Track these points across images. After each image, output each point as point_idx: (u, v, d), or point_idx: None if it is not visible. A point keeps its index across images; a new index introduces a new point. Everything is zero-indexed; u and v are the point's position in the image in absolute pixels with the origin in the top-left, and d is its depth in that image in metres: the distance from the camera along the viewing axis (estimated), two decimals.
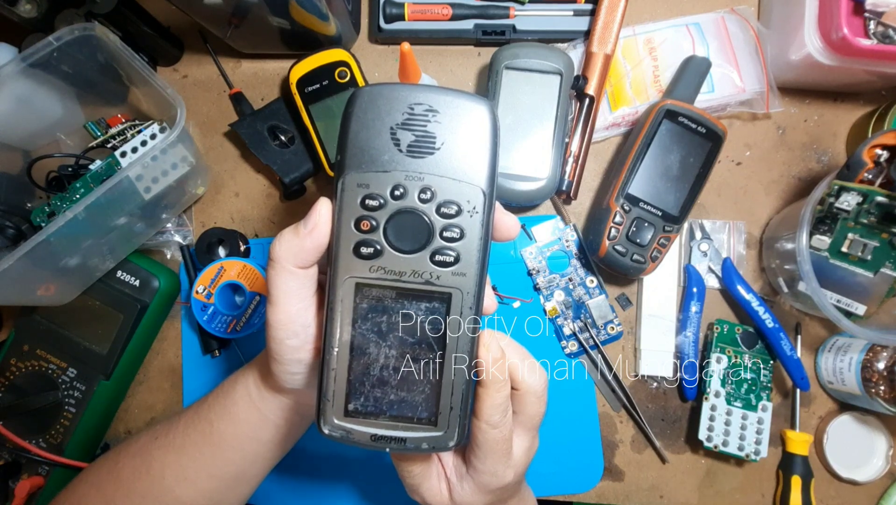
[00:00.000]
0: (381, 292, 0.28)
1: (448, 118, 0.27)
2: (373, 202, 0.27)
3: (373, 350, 0.29)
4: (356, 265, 0.28)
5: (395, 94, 0.27)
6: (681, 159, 0.50)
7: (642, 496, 0.56)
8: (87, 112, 0.56)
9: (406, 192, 0.27)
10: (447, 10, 0.55)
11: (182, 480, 0.38)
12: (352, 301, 0.28)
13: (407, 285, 0.28)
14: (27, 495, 0.51)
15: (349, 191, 0.27)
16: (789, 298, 0.54)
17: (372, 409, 0.29)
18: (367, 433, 0.29)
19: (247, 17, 0.49)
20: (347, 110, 0.28)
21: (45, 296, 0.50)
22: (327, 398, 0.29)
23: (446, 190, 0.27)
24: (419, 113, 0.27)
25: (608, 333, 0.55)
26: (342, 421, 0.29)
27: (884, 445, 0.53)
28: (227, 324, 0.53)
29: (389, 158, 0.27)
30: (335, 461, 0.56)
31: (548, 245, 0.56)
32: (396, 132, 0.27)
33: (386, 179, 0.27)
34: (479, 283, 0.28)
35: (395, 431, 0.29)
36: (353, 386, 0.29)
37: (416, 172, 0.27)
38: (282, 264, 0.29)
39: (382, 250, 0.28)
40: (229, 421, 0.38)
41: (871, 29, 0.46)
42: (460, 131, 0.27)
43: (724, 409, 0.52)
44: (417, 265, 0.28)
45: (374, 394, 0.29)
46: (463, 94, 0.28)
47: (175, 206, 0.57)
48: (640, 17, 0.57)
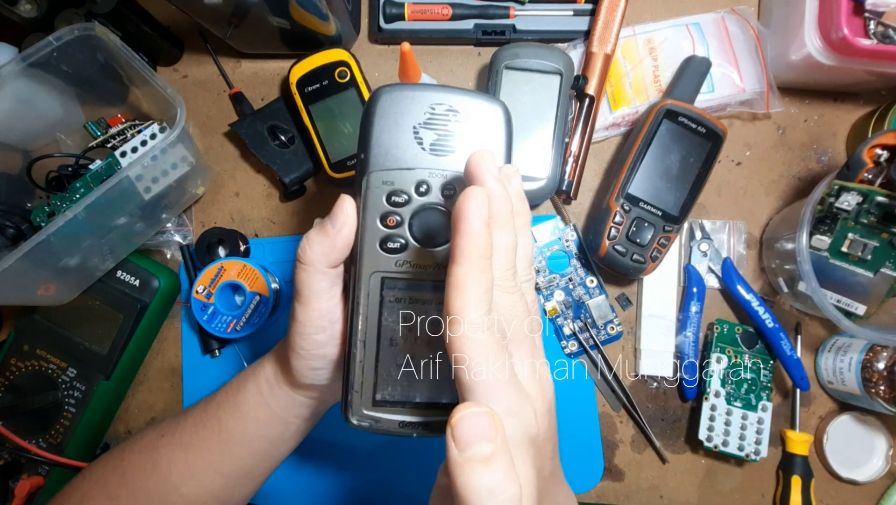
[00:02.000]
0: (406, 285, 0.29)
1: (467, 117, 0.29)
2: (398, 198, 0.28)
3: (398, 341, 0.30)
4: (382, 260, 0.29)
5: (417, 95, 0.29)
6: (681, 159, 0.50)
7: (642, 496, 0.56)
8: (87, 112, 0.56)
9: (430, 188, 0.28)
10: (447, 10, 0.55)
11: (188, 477, 0.38)
12: (378, 295, 0.29)
13: (431, 278, 0.29)
14: (27, 495, 0.51)
15: (374, 188, 0.28)
16: (789, 298, 0.54)
17: (399, 397, 0.30)
18: (396, 421, 0.30)
19: (247, 17, 0.49)
20: (369, 110, 0.29)
21: (45, 296, 0.50)
22: (355, 389, 0.30)
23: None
24: (440, 113, 0.29)
25: (608, 333, 0.55)
26: (371, 411, 0.30)
27: (884, 445, 0.53)
28: (227, 324, 0.53)
29: (413, 156, 0.28)
30: (338, 457, 0.56)
31: (548, 245, 0.56)
32: (419, 131, 0.28)
33: (410, 176, 0.28)
34: None
35: (422, 416, 0.30)
36: (380, 377, 0.30)
37: (439, 169, 0.28)
38: (314, 266, 0.29)
39: (407, 245, 0.29)
40: (239, 419, 0.38)
41: (871, 29, 0.46)
42: (479, 130, 0.29)
43: (724, 409, 0.52)
44: (441, 259, 0.29)
45: (401, 383, 0.30)
46: (480, 94, 0.29)
47: (175, 207, 0.57)
48: (640, 17, 0.57)
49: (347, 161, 0.54)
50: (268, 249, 0.57)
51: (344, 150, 0.54)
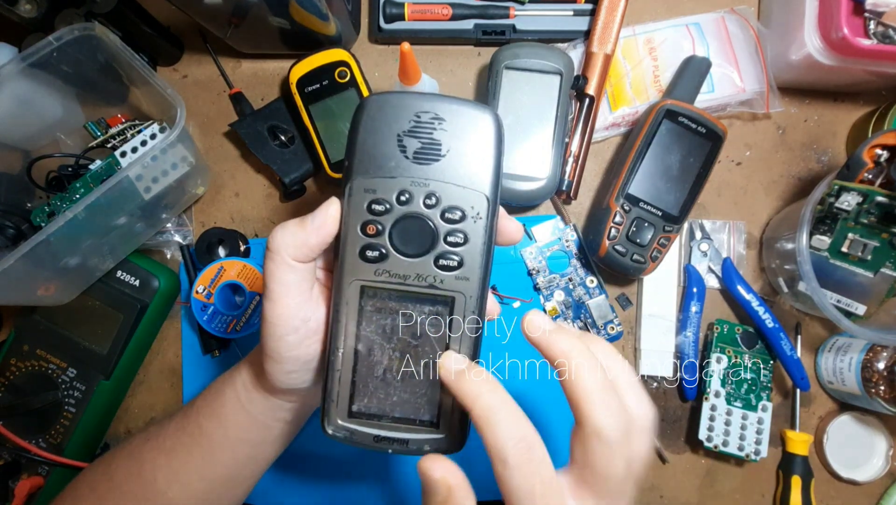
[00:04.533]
0: (385, 295, 0.29)
1: (454, 126, 0.28)
2: (379, 207, 0.28)
3: (376, 352, 0.29)
4: (362, 268, 0.28)
5: (402, 103, 0.28)
6: (681, 159, 0.50)
7: (642, 496, 0.56)
8: (87, 112, 0.56)
9: (412, 197, 0.28)
10: (447, 10, 0.55)
11: (173, 482, 0.38)
12: (357, 304, 0.29)
13: (411, 289, 0.28)
14: (27, 495, 0.51)
15: (356, 195, 0.28)
16: (789, 298, 0.54)
17: (375, 410, 0.29)
18: (371, 434, 0.29)
19: (247, 17, 0.49)
20: (356, 117, 0.28)
21: (45, 296, 0.50)
22: (332, 399, 0.29)
23: (451, 196, 0.28)
24: (425, 121, 0.28)
25: (608, 333, 0.55)
26: (346, 422, 0.29)
27: (884, 445, 0.53)
28: (226, 324, 0.53)
29: (396, 165, 0.28)
30: (336, 462, 0.56)
31: (548, 245, 0.56)
32: (403, 139, 0.28)
33: (392, 185, 0.28)
34: (483, 287, 0.28)
35: (398, 432, 0.29)
36: (356, 387, 0.29)
37: (421, 179, 0.28)
38: (281, 256, 0.29)
39: (388, 254, 0.28)
40: (218, 424, 0.37)
41: (871, 29, 0.46)
42: (466, 139, 0.28)
43: (724, 409, 0.52)
44: (422, 269, 0.28)
45: (377, 395, 0.29)
46: (469, 102, 0.28)
47: (175, 206, 0.57)
48: (640, 17, 0.57)
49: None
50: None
51: (344, 150, 0.54)
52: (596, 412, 0.23)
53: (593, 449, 0.23)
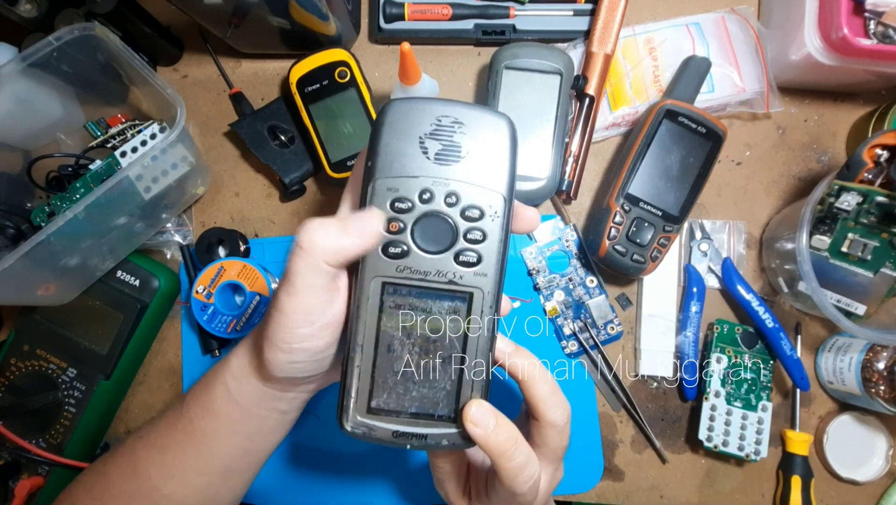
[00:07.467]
0: (406, 291, 0.29)
1: (472, 130, 0.29)
2: (402, 205, 0.29)
3: (396, 348, 0.30)
4: (384, 265, 0.29)
5: (424, 107, 0.29)
6: (681, 159, 0.50)
7: (642, 496, 0.56)
8: (87, 112, 0.56)
9: (433, 196, 0.29)
10: (447, 9, 0.55)
11: (168, 477, 0.38)
12: (378, 300, 0.29)
13: (431, 284, 0.29)
14: (27, 495, 0.51)
15: (379, 194, 0.29)
16: (789, 298, 0.54)
17: (394, 406, 0.30)
18: (390, 430, 0.30)
19: (247, 17, 0.49)
20: (378, 121, 0.29)
21: (45, 296, 0.50)
22: (350, 395, 0.30)
23: (470, 195, 0.29)
24: (446, 124, 0.29)
25: (608, 333, 0.55)
26: (365, 418, 0.30)
27: (884, 445, 0.53)
28: (226, 324, 0.53)
29: (418, 165, 0.29)
30: (337, 462, 0.56)
31: (548, 245, 0.56)
32: (425, 141, 0.29)
33: (415, 184, 0.29)
34: (499, 283, 0.30)
35: (416, 427, 0.30)
36: (376, 383, 0.30)
37: (442, 178, 0.29)
38: (314, 258, 0.28)
39: (409, 251, 0.29)
40: (210, 417, 0.37)
41: (871, 29, 0.46)
42: (483, 142, 0.29)
43: (724, 409, 0.52)
44: (442, 265, 0.29)
45: (396, 391, 0.30)
46: (486, 108, 0.30)
47: (175, 206, 0.57)
48: (640, 17, 0.57)
49: (347, 161, 0.54)
50: (268, 249, 0.57)
51: (344, 150, 0.54)
52: (550, 411, 0.32)
53: (549, 434, 0.32)
